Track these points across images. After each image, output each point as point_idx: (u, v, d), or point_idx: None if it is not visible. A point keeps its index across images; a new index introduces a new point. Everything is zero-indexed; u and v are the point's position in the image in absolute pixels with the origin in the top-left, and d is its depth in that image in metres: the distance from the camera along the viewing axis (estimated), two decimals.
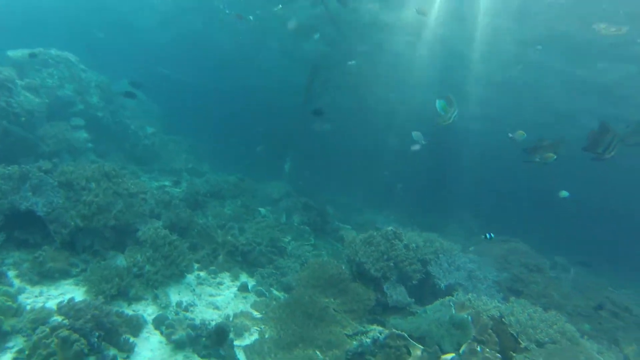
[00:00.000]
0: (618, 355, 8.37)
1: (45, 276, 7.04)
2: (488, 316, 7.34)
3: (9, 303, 5.97)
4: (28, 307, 6.17)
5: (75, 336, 5.34)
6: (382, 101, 26.86)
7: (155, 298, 7.35)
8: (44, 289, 6.87)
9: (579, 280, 12.36)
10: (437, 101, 9.48)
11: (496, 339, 6.86)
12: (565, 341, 7.17)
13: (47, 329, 5.36)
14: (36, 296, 6.66)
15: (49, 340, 5.21)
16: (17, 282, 6.79)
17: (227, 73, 34.97)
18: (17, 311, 6.00)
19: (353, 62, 12.14)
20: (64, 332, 5.32)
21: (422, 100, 25.95)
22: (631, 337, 9.88)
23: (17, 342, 5.52)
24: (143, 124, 18.22)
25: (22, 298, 6.45)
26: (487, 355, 6.25)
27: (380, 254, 9.02)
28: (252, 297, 8.76)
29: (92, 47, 28.54)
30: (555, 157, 8.86)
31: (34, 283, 6.90)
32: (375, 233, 9.59)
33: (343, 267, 9.13)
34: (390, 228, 9.82)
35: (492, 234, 9.28)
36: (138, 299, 7.23)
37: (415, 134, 11.55)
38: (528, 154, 9.74)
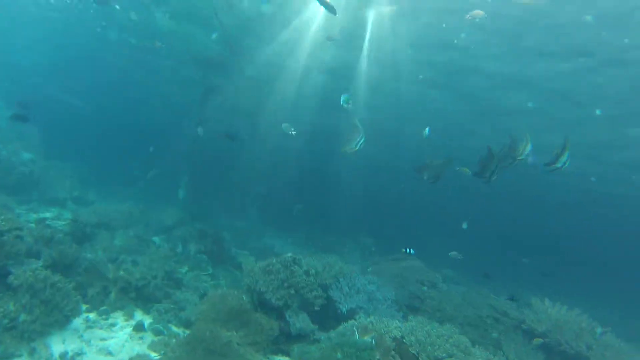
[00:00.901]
0: (502, 359, 9.28)
1: None
2: (390, 337, 7.75)
3: None
4: None
5: None
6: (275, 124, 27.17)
7: (33, 352, 6.56)
8: None
9: (466, 292, 13.52)
10: (342, 96, 9.75)
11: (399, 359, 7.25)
12: (460, 353, 7.80)
13: None
14: None
15: None
16: None
17: (116, 94, 32.80)
18: None
19: (292, 131, 12.23)
20: None
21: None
22: (510, 338, 11.06)
23: None
24: (17, 149, 16.30)
25: None
26: None
27: (280, 282, 9.06)
28: (149, 337, 8.24)
29: None
30: (469, 171, 9.43)
31: None
32: (274, 260, 9.60)
33: (244, 298, 9.00)
34: (289, 254, 9.91)
35: (411, 249, 9.78)
36: (8, 357, 6.36)
37: (284, 126, 12.03)
38: (417, 172, 10.48)
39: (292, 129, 11.90)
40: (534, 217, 40.46)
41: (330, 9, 10.13)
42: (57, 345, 7.04)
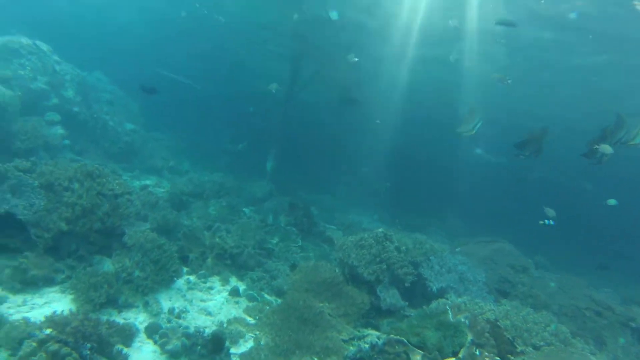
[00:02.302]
0: (609, 356, 8.56)
1: (29, 284, 6.63)
2: (484, 320, 7.37)
3: None
4: (11, 318, 5.80)
5: (66, 350, 5.04)
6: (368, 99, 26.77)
7: (146, 305, 7.06)
8: (28, 297, 6.48)
9: (561, 280, 12.62)
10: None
11: (494, 343, 6.90)
12: (559, 343, 7.27)
13: (34, 343, 5.04)
14: (19, 305, 6.26)
15: (37, 355, 4.90)
16: None
17: (209, 68, 34.06)
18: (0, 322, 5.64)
19: (355, 58, 12.12)
20: (54, 346, 5.01)
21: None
22: (615, 335, 10.14)
23: (1, 357, 5.17)
24: (122, 120, 17.60)
25: (4, 308, 6.07)
26: (486, 359, 6.26)
27: (372, 257, 8.96)
28: (244, 302, 8.55)
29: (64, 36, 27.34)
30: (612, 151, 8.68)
31: (16, 291, 6.49)
32: (366, 235, 9.52)
33: (337, 270, 9.02)
34: (380, 230, 9.78)
35: (551, 221, 9.31)
36: (128, 306, 6.92)
37: (349, 56, 11.81)
38: (519, 148, 9.81)
39: (355, 57, 11.68)
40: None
41: (510, 23, 9.76)
42: (165, 301, 7.51)
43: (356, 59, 11.68)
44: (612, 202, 12.75)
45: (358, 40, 19.06)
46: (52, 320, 5.57)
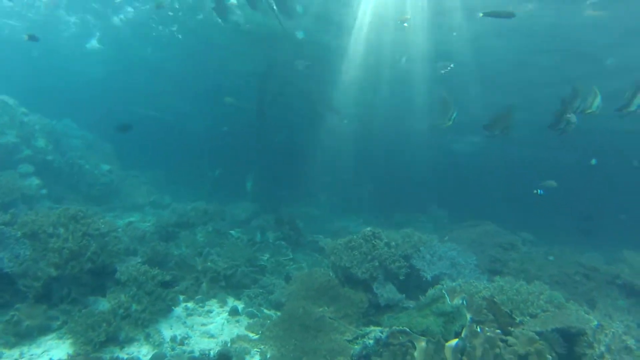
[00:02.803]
0: (602, 312, 8.82)
1: (24, 336, 6.54)
2: (481, 297, 7.56)
3: None
4: None
5: None
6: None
7: (148, 337, 7.04)
8: (25, 349, 6.38)
9: (549, 252, 12.95)
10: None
11: (493, 318, 7.08)
12: (554, 309, 7.49)
13: None
14: (16, 359, 6.19)
15: None
16: None
17: (178, 95, 33.90)
18: None
19: (306, 63, 12.34)
20: None
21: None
22: (604, 294, 10.46)
23: None
24: (97, 162, 17.53)
25: None
26: (488, 334, 6.41)
27: (363, 256, 9.11)
28: (245, 320, 8.57)
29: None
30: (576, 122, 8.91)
31: (11, 345, 6.38)
32: (355, 236, 9.68)
33: (331, 274, 9.13)
34: (368, 229, 9.95)
35: (541, 190, 9.56)
36: (130, 341, 6.89)
37: (298, 62, 12.06)
38: (488, 129, 10.11)
39: (305, 63, 11.93)
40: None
41: (508, 14, 9.91)
42: (166, 330, 7.50)
43: (307, 64, 11.93)
44: (593, 162, 13.34)
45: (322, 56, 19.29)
46: None
